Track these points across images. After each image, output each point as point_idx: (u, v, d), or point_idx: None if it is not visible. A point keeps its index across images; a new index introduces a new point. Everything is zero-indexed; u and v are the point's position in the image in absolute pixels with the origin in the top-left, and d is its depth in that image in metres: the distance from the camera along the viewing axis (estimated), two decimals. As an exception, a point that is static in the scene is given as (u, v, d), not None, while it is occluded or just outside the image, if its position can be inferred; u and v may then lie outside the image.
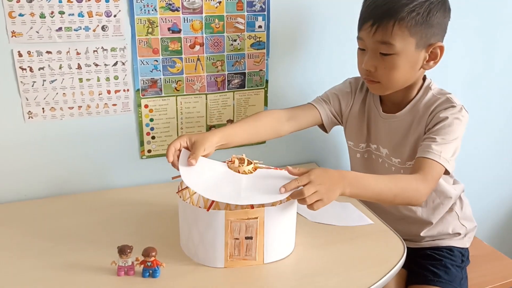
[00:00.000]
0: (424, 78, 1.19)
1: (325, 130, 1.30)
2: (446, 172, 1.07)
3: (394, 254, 1.03)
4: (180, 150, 1.02)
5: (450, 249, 1.26)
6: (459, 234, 1.28)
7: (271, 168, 1.04)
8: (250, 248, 0.97)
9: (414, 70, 1.11)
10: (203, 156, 1.02)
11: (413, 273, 1.23)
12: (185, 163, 0.99)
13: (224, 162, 1.03)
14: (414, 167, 1.08)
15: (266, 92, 1.38)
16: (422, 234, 1.26)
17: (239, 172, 1.00)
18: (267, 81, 1.37)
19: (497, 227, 2.03)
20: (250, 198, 0.94)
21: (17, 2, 1.09)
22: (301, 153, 1.52)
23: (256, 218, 0.94)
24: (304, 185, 0.92)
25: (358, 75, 1.20)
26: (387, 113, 1.21)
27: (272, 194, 0.94)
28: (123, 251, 0.93)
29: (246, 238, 0.96)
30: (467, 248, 1.30)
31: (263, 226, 0.95)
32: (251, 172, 1.01)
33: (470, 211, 1.33)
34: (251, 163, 1.02)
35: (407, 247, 1.07)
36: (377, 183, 1.01)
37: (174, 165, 1.02)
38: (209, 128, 1.36)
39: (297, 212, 1.03)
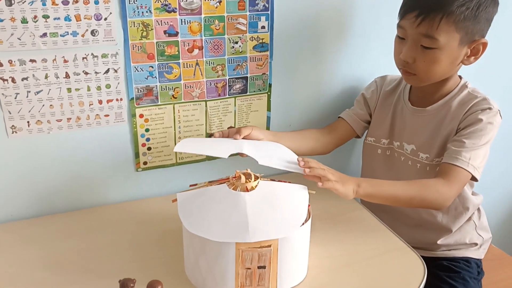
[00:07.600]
0: (460, 77, 1.16)
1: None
2: (473, 179, 1.06)
3: (415, 277, 0.98)
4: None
5: (467, 260, 1.23)
6: (476, 244, 1.24)
7: (274, 180, 0.99)
8: (263, 278, 0.91)
9: (454, 65, 1.08)
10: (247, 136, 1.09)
11: (429, 285, 1.18)
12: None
13: (226, 178, 0.96)
14: (439, 171, 1.07)
15: (269, 96, 1.30)
16: (439, 242, 1.22)
17: (246, 189, 0.92)
18: (270, 85, 1.28)
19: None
20: (258, 231, 0.87)
21: (-5, 6, 0.98)
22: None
23: (270, 246, 0.88)
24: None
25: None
26: (416, 106, 1.18)
27: (280, 223, 0.89)
28: (125, 285, 0.85)
29: (259, 267, 0.90)
30: (481, 260, 1.26)
31: (276, 254, 0.89)
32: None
33: (486, 222, 1.29)
34: (257, 178, 0.95)
35: (422, 256, 1.03)
36: (392, 183, 1.02)
37: None
38: (209, 136, 1.27)
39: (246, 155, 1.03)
